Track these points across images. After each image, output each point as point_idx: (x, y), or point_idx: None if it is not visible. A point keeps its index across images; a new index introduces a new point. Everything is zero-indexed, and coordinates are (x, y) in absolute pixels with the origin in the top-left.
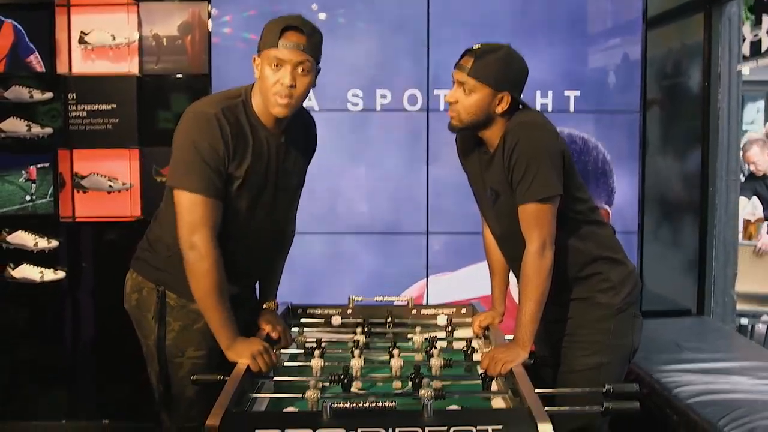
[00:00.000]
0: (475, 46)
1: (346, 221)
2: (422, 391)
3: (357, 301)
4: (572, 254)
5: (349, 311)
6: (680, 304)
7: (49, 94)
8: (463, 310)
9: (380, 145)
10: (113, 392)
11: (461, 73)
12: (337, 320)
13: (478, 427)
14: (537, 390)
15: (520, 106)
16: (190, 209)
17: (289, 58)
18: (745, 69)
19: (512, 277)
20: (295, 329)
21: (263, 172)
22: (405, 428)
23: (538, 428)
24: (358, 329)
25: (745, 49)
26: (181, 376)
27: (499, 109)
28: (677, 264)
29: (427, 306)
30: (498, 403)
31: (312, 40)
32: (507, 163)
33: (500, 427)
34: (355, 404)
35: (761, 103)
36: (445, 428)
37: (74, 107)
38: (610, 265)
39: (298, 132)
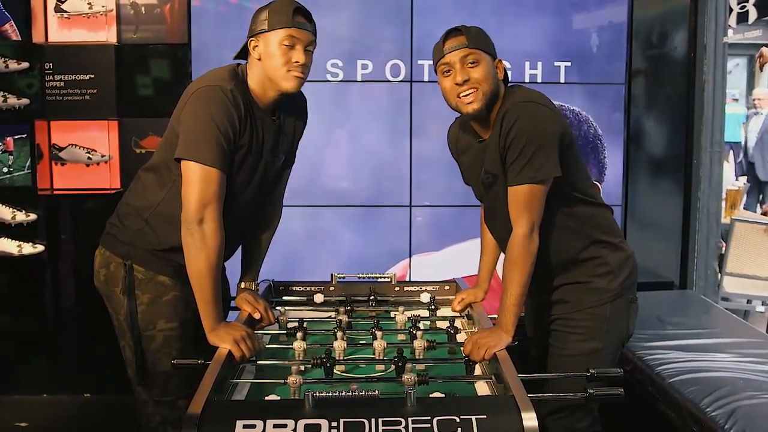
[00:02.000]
0: (451, 28)
1: (327, 194)
2: (405, 377)
3: (339, 278)
4: (571, 236)
5: (332, 288)
6: (663, 277)
7: (25, 64)
8: (447, 288)
9: (362, 116)
10: (94, 366)
11: (461, 50)
12: (319, 298)
13: (462, 417)
14: (521, 375)
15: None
16: (206, 182)
17: (302, 37)
18: (730, 32)
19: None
20: (278, 308)
21: (258, 153)
22: (388, 418)
23: (522, 416)
24: (341, 308)
25: (732, 21)
26: (153, 348)
27: (500, 75)
28: (660, 236)
29: (410, 283)
30: (482, 388)
31: (314, 24)
32: (503, 143)
33: (484, 416)
34: (337, 393)
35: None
36: (428, 417)
37: (51, 77)
38: (609, 249)
39: (290, 112)
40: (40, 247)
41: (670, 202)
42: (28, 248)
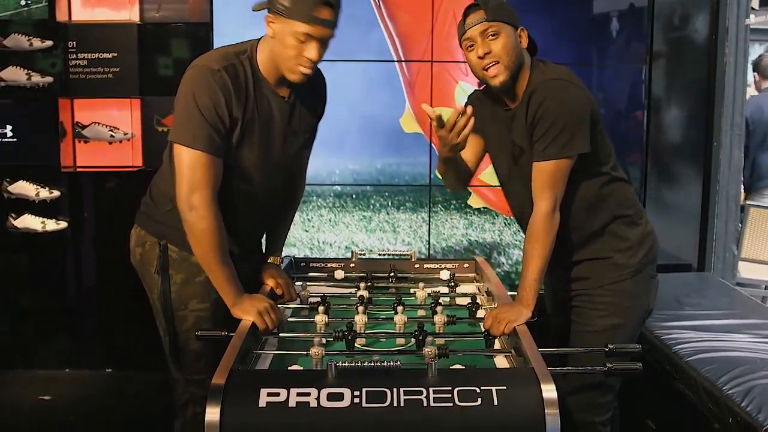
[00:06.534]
0: (471, 4)
1: (346, 172)
2: (426, 350)
3: (360, 255)
4: (592, 211)
5: (352, 265)
6: (681, 259)
7: (48, 43)
8: (466, 265)
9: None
10: (116, 341)
11: (479, 24)
12: (340, 274)
13: (482, 387)
14: (540, 349)
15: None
16: (192, 167)
17: (319, 34)
18: (752, 17)
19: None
20: (298, 284)
21: (268, 131)
22: (409, 387)
23: (542, 388)
24: (362, 284)
25: (755, 3)
26: (185, 328)
27: (524, 44)
28: (679, 219)
29: (430, 260)
30: (501, 362)
31: (338, 13)
32: (532, 119)
33: (504, 387)
34: (359, 363)
35: None
36: (449, 388)
37: (74, 56)
38: (629, 225)
39: (306, 90)
40: (63, 224)
41: (689, 184)
42: (51, 225)
